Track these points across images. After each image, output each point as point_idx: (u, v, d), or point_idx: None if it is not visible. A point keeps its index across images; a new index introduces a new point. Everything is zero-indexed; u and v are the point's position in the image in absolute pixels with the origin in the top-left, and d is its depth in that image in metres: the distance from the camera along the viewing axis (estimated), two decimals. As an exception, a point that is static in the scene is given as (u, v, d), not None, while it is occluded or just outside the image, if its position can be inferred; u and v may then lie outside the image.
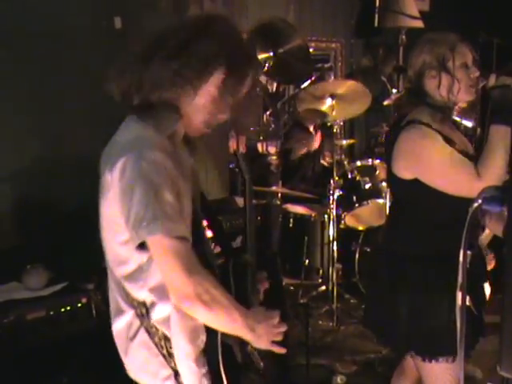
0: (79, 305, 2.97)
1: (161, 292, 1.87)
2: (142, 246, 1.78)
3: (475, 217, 1.46)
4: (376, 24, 6.07)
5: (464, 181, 2.35)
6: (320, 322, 4.80)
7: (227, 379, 1.93)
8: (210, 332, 1.93)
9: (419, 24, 6.07)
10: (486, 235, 2.77)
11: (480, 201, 1.45)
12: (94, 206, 1.98)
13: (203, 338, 1.95)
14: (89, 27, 3.95)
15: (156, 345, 1.93)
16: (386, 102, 5.38)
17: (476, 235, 2.54)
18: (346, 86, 4.90)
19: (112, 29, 4.08)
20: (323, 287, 5.07)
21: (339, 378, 3.93)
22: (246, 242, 2.20)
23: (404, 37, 6.21)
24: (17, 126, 3.68)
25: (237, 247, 2.54)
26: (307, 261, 4.99)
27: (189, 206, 1.92)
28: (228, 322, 1.85)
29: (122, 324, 1.97)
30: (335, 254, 4.88)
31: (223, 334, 1.92)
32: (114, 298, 2.00)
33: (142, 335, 1.94)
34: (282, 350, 1.96)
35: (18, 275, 3.10)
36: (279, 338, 1.94)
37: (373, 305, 2.79)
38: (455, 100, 2.50)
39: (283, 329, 1.94)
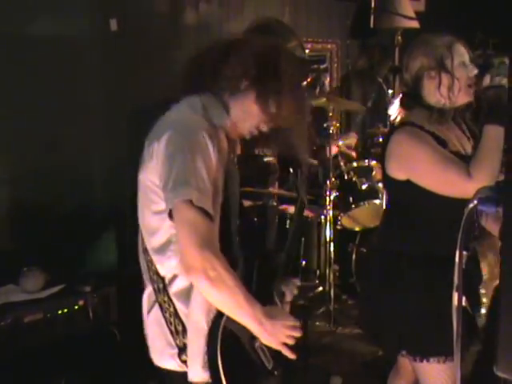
0: (76, 307, 2.98)
1: None
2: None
3: (471, 217, 1.47)
4: (372, 25, 6.08)
5: (455, 181, 2.35)
6: (317, 323, 4.80)
7: (222, 364, 1.95)
8: (216, 314, 1.97)
9: (415, 24, 6.07)
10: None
11: (476, 201, 1.46)
12: (91, 209, 1.99)
13: (212, 316, 1.99)
14: (85, 29, 3.95)
15: (166, 320, 2.01)
16: (389, 111, 5.39)
17: (471, 236, 2.54)
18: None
19: (108, 31, 4.09)
20: (320, 288, 5.07)
21: (336, 379, 3.93)
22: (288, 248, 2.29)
23: (400, 37, 6.21)
24: (13, 130, 3.68)
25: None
26: (304, 262, 4.99)
27: (219, 197, 2.00)
28: (232, 304, 1.88)
29: (144, 298, 2.10)
30: (332, 255, 4.89)
31: (230, 322, 1.95)
32: (143, 272, 2.11)
33: (156, 311, 2.04)
34: (291, 355, 1.99)
35: (15, 278, 3.11)
36: (290, 342, 1.96)
37: (366, 304, 2.80)
38: (455, 100, 2.50)
39: (297, 334, 1.97)
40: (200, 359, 1.97)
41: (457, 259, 1.49)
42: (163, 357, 2.05)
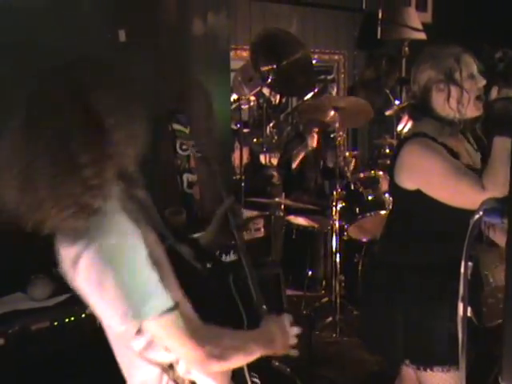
0: (83, 315, 2.98)
1: None
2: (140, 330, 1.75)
3: (476, 228, 1.48)
4: (379, 36, 6.12)
5: (468, 193, 2.35)
6: (323, 334, 4.79)
7: None
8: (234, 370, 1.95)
9: (422, 36, 6.11)
10: None
11: (481, 213, 1.47)
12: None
13: (229, 372, 1.95)
14: (93, 40, 3.97)
15: None
16: (388, 113, 5.40)
17: (474, 247, 2.55)
18: (347, 101, 4.92)
19: (116, 42, 4.11)
20: (326, 299, 5.07)
21: (342, 389, 3.94)
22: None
23: (407, 48, 6.26)
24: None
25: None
26: (310, 272, 5.00)
27: (160, 251, 1.82)
28: (247, 357, 1.86)
29: (148, 377, 1.89)
30: (338, 266, 4.89)
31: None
32: (132, 362, 1.90)
33: None
34: (295, 353, 1.99)
35: (23, 286, 3.12)
36: (295, 342, 1.97)
37: (368, 315, 2.80)
38: (464, 112, 2.50)
39: (297, 331, 1.98)
40: None
41: (462, 269, 1.50)
42: None
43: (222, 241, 2.35)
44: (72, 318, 2.94)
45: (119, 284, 1.66)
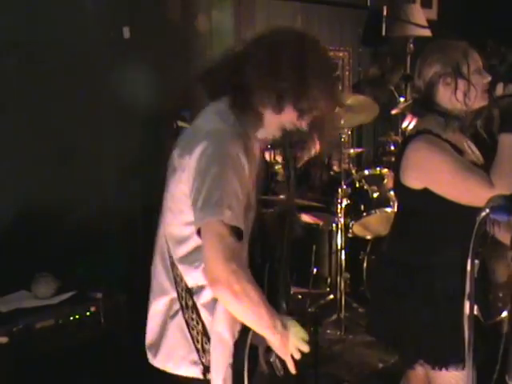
0: (88, 313, 2.98)
1: None
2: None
3: (482, 226, 1.47)
4: (383, 33, 6.08)
5: (477, 190, 2.34)
6: (328, 331, 4.79)
7: (248, 376, 1.96)
8: (243, 328, 1.97)
9: (427, 33, 6.08)
10: None
11: (487, 210, 1.46)
12: (102, 216, 1.99)
13: (238, 328, 1.99)
14: (98, 37, 3.97)
15: (192, 338, 1.99)
16: (394, 111, 5.38)
17: (482, 244, 2.53)
18: (352, 99, 4.90)
19: (121, 39, 4.11)
20: (331, 296, 5.05)
21: (347, 387, 3.93)
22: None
23: (412, 45, 6.22)
24: (26, 138, 3.70)
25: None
26: (315, 270, 4.98)
27: (253, 202, 2.02)
28: (254, 316, 1.88)
29: (162, 303, 2.04)
30: (343, 263, 4.88)
31: (254, 336, 1.96)
32: (159, 280, 2.06)
33: (181, 319, 2.00)
34: (293, 369, 1.99)
35: (27, 284, 3.12)
36: (297, 355, 1.96)
37: (379, 314, 2.78)
38: (470, 105, 2.50)
39: (305, 349, 1.97)
40: (222, 371, 1.96)
41: (468, 267, 1.49)
42: (185, 361, 2.01)
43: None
44: (76, 317, 2.95)
45: (219, 179, 1.83)
